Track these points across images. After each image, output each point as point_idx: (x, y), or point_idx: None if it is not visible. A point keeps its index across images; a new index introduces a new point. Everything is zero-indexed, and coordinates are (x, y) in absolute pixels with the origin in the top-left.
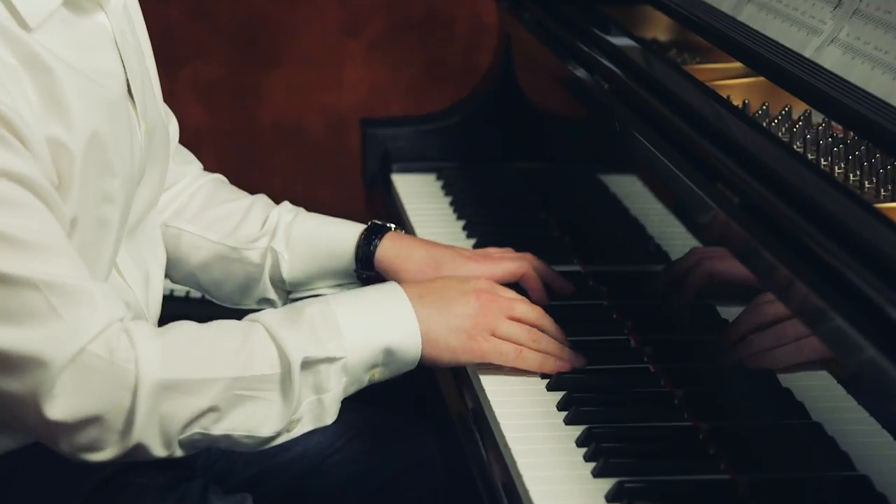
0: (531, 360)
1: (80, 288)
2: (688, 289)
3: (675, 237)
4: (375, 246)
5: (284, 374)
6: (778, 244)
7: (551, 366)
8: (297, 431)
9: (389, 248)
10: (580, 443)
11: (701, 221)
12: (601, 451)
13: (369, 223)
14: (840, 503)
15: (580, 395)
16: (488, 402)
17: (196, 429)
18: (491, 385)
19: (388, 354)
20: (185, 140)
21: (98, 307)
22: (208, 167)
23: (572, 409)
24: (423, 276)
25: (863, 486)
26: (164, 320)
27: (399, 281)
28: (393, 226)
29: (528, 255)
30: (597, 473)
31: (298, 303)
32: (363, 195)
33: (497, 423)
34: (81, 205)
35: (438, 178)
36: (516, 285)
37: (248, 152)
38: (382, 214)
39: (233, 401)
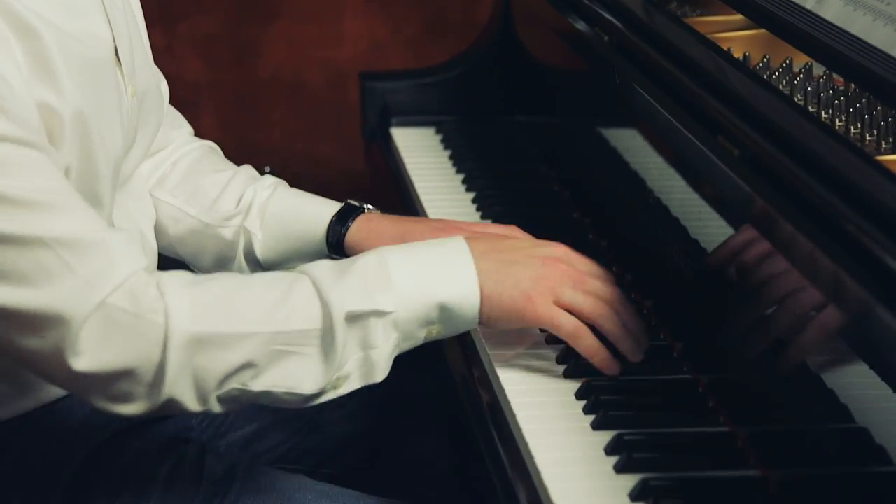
0: (584, 342)
1: (93, 240)
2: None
3: (674, 191)
4: (347, 229)
5: (326, 329)
6: (778, 197)
7: (601, 358)
8: (345, 388)
9: (357, 232)
10: (579, 396)
11: (701, 174)
12: (600, 405)
13: (343, 204)
14: (839, 455)
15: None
16: (487, 355)
17: (233, 384)
18: (489, 337)
19: (444, 311)
20: (183, 95)
21: (116, 258)
22: (207, 122)
23: (572, 363)
24: None
25: (862, 438)
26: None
27: None
28: (368, 207)
29: (511, 228)
30: (596, 426)
31: (355, 256)
32: (362, 149)
33: (497, 379)
34: (71, 170)
35: (438, 131)
36: None
37: (248, 107)
38: (382, 168)
39: (271, 356)
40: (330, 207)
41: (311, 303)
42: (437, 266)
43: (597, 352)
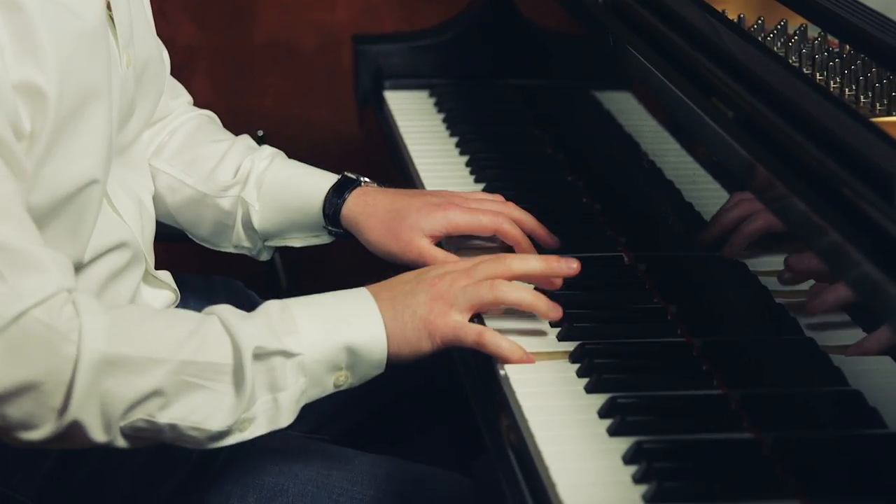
0: (492, 344)
1: (29, 253)
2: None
3: (668, 153)
4: (343, 201)
5: (237, 365)
6: (773, 159)
7: (514, 355)
8: (251, 433)
9: (354, 206)
10: (573, 359)
11: (695, 137)
12: (594, 368)
13: (341, 176)
14: (832, 418)
15: (573, 312)
16: (482, 319)
17: (140, 414)
18: None
19: (352, 354)
20: (176, 59)
21: (48, 274)
22: (201, 87)
23: (565, 326)
24: (386, 229)
25: (855, 401)
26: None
27: (362, 236)
28: (365, 179)
29: (508, 206)
30: (590, 389)
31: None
32: (356, 113)
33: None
34: (60, 147)
35: (431, 94)
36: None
37: (241, 71)
38: (375, 132)
39: (180, 387)
40: (327, 180)
41: (222, 338)
42: (341, 310)
43: (508, 351)
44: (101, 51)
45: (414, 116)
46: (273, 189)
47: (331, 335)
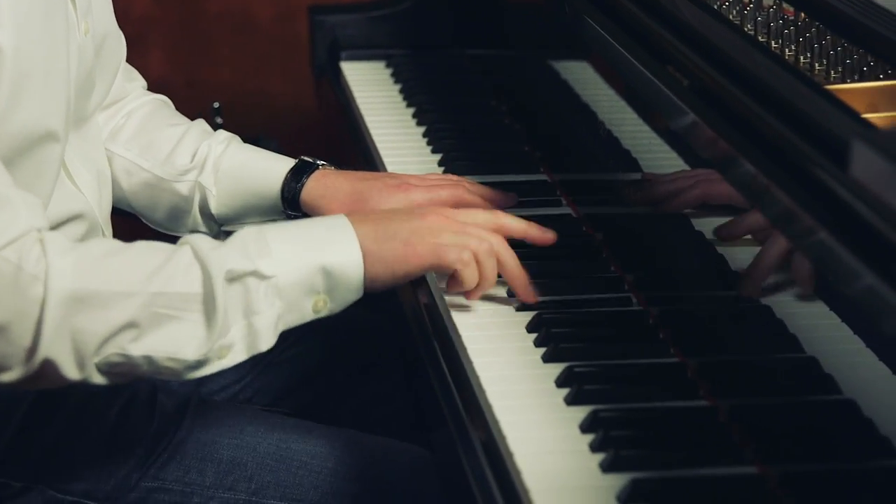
0: (469, 276)
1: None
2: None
3: (625, 123)
4: (302, 186)
5: (207, 293)
6: (728, 127)
7: (473, 294)
8: (230, 360)
9: (314, 189)
10: (530, 328)
11: (651, 106)
12: (551, 337)
13: (298, 160)
14: (789, 385)
15: (532, 282)
16: (438, 289)
17: (113, 348)
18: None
19: (329, 277)
20: (131, 31)
21: (18, 214)
22: (156, 59)
23: None
24: (347, 211)
25: (811, 368)
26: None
27: None
28: (322, 162)
29: (463, 180)
30: (547, 359)
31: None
32: (312, 84)
33: (448, 313)
34: (18, 103)
35: (388, 65)
36: None
37: (196, 43)
38: (332, 103)
39: (152, 319)
40: (284, 163)
41: (191, 267)
42: (315, 232)
43: (485, 279)
44: (59, 12)
45: (371, 87)
46: (230, 173)
47: (305, 256)
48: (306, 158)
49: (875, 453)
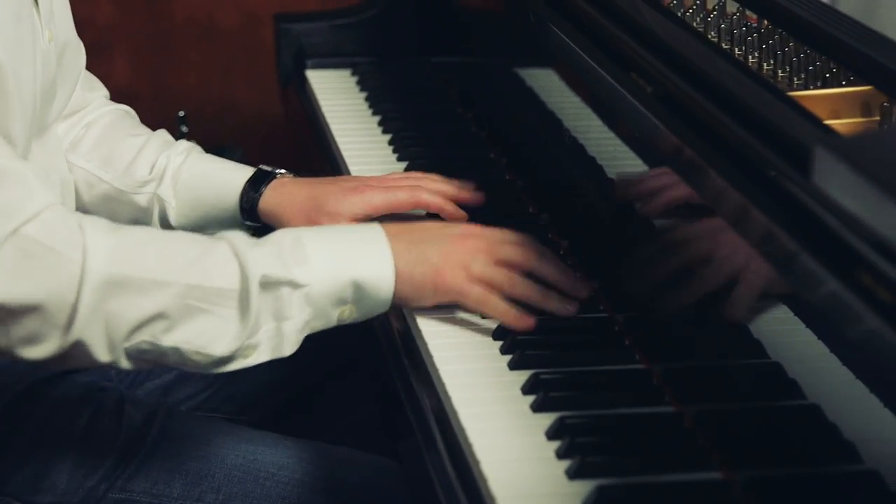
0: (493, 307)
1: (8, 168)
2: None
3: (591, 130)
4: (259, 196)
5: (243, 291)
6: (692, 133)
7: (510, 318)
8: (254, 359)
9: (271, 198)
10: (496, 336)
11: (616, 113)
12: (517, 344)
13: (256, 170)
14: (753, 390)
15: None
16: None
17: (144, 336)
18: None
19: (358, 290)
20: (95, 39)
21: (32, 188)
22: (120, 66)
23: None
24: (305, 217)
25: (775, 373)
26: None
27: (280, 227)
28: (281, 171)
29: (425, 178)
30: (513, 366)
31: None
32: (278, 92)
33: (415, 322)
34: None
35: (353, 73)
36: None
37: (161, 50)
38: (297, 111)
39: (185, 310)
40: (243, 173)
41: (230, 263)
42: (352, 245)
43: (504, 314)
44: (27, 19)
45: (336, 95)
46: (189, 185)
47: (340, 269)
48: (265, 168)
49: (839, 458)
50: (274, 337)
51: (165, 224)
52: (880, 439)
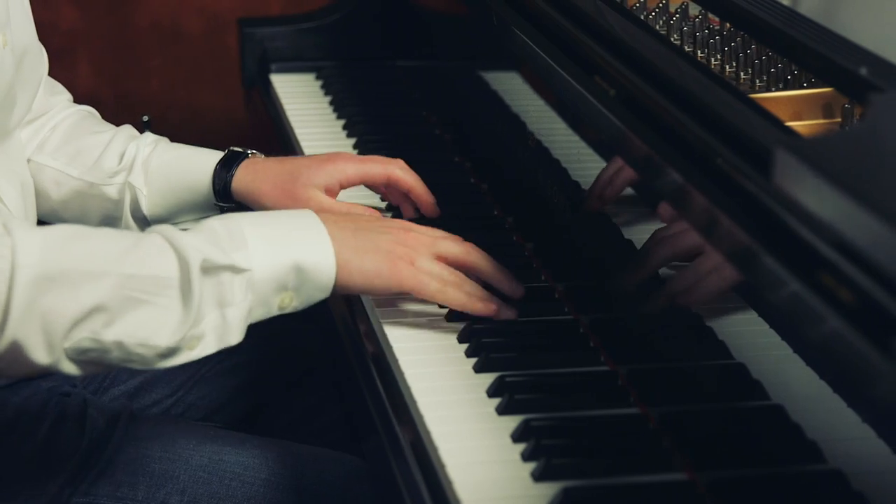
0: (454, 296)
1: None
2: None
3: (555, 133)
4: (232, 176)
5: (184, 277)
6: (654, 136)
7: (476, 305)
8: (200, 351)
9: (244, 177)
10: (461, 339)
11: (579, 115)
12: (482, 347)
13: (226, 151)
14: (717, 391)
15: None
16: (370, 302)
17: (84, 332)
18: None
19: (300, 274)
20: (59, 44)
21: None
22: (84, 72)
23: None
24: (281, 192)
25: (739, 374)
26: None
27: (258, 205)
28: (252, 151)
29: (398, 161)
30: (478, 369)
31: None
32: (242, 97)
33: (380, 325)
34: None
35: (318, 77)
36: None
37: (125, 55)
38: (262, 115)
39: (124, 301)
40: (213, 156)
41: (165, 252)
42: (291, 230)
43: (465, 303)
44: None
45: (301, 99)
46: (160, 171)
47: (281, 253)
48: (235, 149)
49: (803, 458)
50: (219, 326)
51: (138, 214)
52: (843, 439)
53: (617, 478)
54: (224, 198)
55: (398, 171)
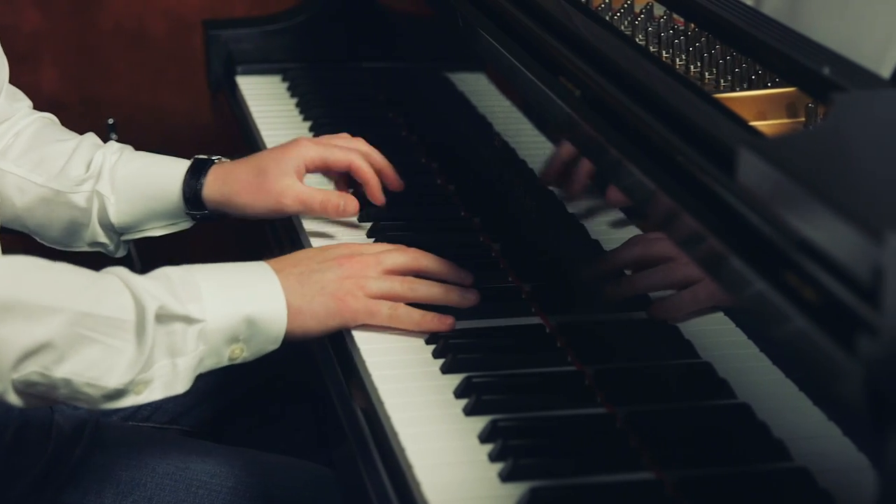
0: (406, 318)
1: None
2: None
3: (521, 133)
4: (202, 185)
5: (139, 322)
6: (619, 136)
7: (430, 323)
8: (146, 396)
9: (214, 182)
10: (429, 340)
11: (545, 116)
12: (449, 349)
13: (193, 159)
14: (684, 390)
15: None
16: None
17: (34, 367)
18: None
19: (251, 326)
20: (22, 47)
21: None
22: (48, 75)
23: (421, 307)
24: (255, 189)
25: (706, 373)
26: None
27: (234, 206)
28: (218, 157)
29: (360, 143)
30: (445, 370)
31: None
32: (208, 99)
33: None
34: None
35: (284, 79)
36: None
37: (89, 58)
38: (228, 118)
39: (76, 340)
40: (180, 165)
41: (122, 294)
42: (242, 281)
43: (420, 322)
44: None
45: (267, 101)
46: (127, 179)
47: (234, 305)
48: (200, 157)
49: (769, 456)
50: (168, 374)
51: (105, 222)
52: (810, 437)
53: (584, 477)
54: (194, 206)
55: (358, 161)
